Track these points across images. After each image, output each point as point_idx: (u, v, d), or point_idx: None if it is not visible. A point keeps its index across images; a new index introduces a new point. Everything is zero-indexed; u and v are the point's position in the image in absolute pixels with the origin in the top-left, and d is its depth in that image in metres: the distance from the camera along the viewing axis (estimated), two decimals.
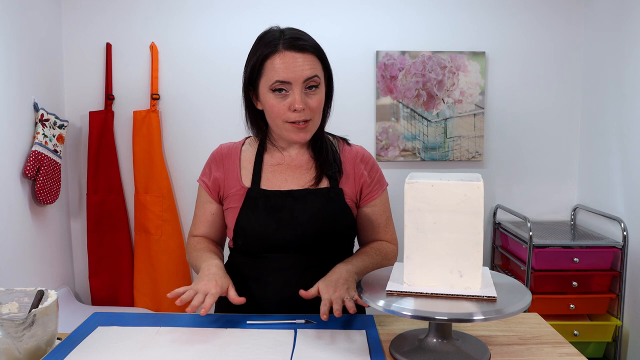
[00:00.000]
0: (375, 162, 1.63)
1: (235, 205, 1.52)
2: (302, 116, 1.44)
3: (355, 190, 1.56)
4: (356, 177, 1.57)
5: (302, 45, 1.44)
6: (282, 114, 1.44)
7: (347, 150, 1.60)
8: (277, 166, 1.55)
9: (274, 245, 1.49)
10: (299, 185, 1.53)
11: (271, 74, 1.43)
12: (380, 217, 1.60)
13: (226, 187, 1.56)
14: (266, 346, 1.24)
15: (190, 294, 1.31)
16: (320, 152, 1.55)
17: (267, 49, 1.44)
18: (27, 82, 2.69)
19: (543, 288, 2.81)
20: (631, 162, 2.78)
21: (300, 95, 1.42)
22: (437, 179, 1.18)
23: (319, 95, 1.46)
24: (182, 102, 3.15)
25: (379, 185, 1.60)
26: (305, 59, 1.43)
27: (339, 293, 1.31)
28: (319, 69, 1.46)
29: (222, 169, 1.57)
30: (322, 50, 1.50)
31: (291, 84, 1.42)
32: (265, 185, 1.53)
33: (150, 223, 3.09)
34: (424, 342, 1.23)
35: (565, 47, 3.23)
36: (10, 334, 1.09)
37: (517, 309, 1.12)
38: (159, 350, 1.22)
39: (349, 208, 1.54)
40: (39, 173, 2.68)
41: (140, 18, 3.10)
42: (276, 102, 1.44)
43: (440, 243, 1.18)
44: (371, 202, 1.59)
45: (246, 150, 1.60)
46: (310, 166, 1.55)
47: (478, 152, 3.21)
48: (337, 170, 1.54)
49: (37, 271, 2.78)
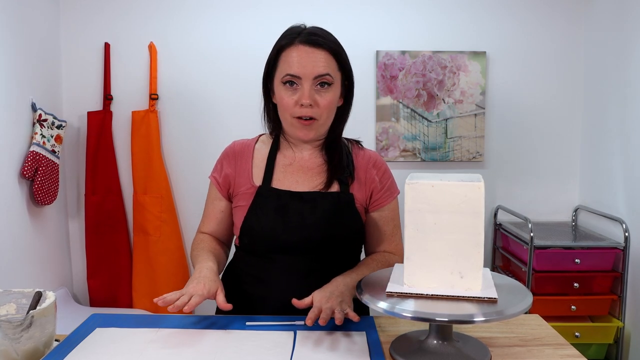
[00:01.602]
0: (388, 168, 1.62)
1: (244, 204, 1.52)
2: (308, 112, 1.43)
3: (366, 195, 1.55)
4: (367, 181, 1.55)
5: (318, 41, 1.44)
6: (290, 108, 1.44)
7: (361, 155, 1.59)
8: (289, 166, 1.55)
9: (280, 247, 1.48)
10: (310, 187, 1.52)
11: (284, 66, 1.44)
12: (387, 224, 1.58)
13: (236, 185, 1.55)
14: (265, 348, 1.24)
15: (176, 295, 1.30)
16: (333, 156, 1.54)
17: (284, 41, 1.46)
18: (25, 82, 2.68)
19: (544, 289, 2.80)
20: (633, 162, 2.76)
21: (309, 90, 1.42)
22: (438, 180, 1.18)
23: (330, 94, 1.45)
24: (181, 102, 3.14)
25: (389, 192, 1.58)
26: (319, 55, 1.43)
27: (330, 304, 1.29)
28: (333, 69, 1.45)
29: (233, 166, 1.57)
30: (342, 53, 1.49)
31: (302, 78, 1.42)
32: (276, 184, 1.52)
33: (149, 224, 3.07)
34: (425, 344, 1.23)
35: (566, 46, 3.22)
36: (7, 335, 1.09)
37: (518, 310, 1.12)
38: (158, 352, 1.22)
39: (359, 213, 1.53)
40: (36, 173, 2.67)
41: (139, 18, 3.09)
42: (286, 96, 1.45)
43: (440, 244, 1.18)
44: (380, 208, 1.57)
45: (259, 148, 1.59)
46: (322, 169, 1.54)
47: (479, 152, 3.20)
48: (349, 174, 1.53)
49: (35, 272, 2.77)
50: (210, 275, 1.39)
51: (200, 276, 1.38)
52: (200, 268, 1.43)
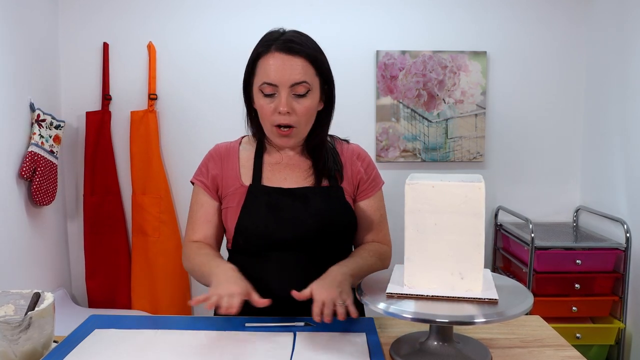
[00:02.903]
0: (371, 160, 1.64)
1: (234, 205, 1.51)
2: (287, 120, 1.43)
3: (353, 186, 1.57)
4: (353, 173, 1.57)
5: (294, 48, 1.42)
6: (269, 116, 1.45)
7: (345, 149, 1.61)
8: (276, 165, 1.55)
9: (274, 244, 1.48)
10: (299, 183, 1.52)
11: (261, 74, 1.44)
12: (374, 214, 1.60)
13: (224, 186, 1.55)
14: (265, 349, 1.23)
15: (216, 299, 1.28)
16: (318, 160, 1.54)
17: (261, 48, 1.45)
18: (23, 82, 2.67)
19: (545, 290, 2.79)
20: (634, 162, 2.75)
21: (286, 98, 1.42)
22: (438, 180, 1.18)
23: (308, 101, 1.45)
24: (180, 103, 3.13)
25: (375, 182, 1.61)
26: (295, 62, 1.42)
27: (330, 295, 1.29)
28: (310, 76, 1.44)
29: (219, 167, 1.56)
30: (320, 58, 1.47)
31: (278, 86, 1.42)
32: (266, 182, 1.53)
33: (147, 225, 3.06)
34: (425, 345, 1.22)
35: (567, 46, 3.21)
36: (6, 336, 1.09)
37: (519, 311, 1.12)
38: (157, 354, 1.21)
39: (350, 206, 1.54)
40: (35, 174, 2.66)
41: (137, 17, 3.08)
42: (265, 104, 1.45)
43: (441, 245, 1.18)
44: (366, 198, 1.59)
45: (244, 149, 1.59)
46: (309, 166, 1.55)
47: (479, 152, 3.19)
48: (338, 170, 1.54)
49: (33, 273, 2.76)
50: (237, 275, 1.38)
51: (228, 277, 1.36)
52: (224, 270, 1.40)
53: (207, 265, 1.45)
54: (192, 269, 1.54)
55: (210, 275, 1.41)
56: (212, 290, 1.32)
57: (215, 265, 1.43)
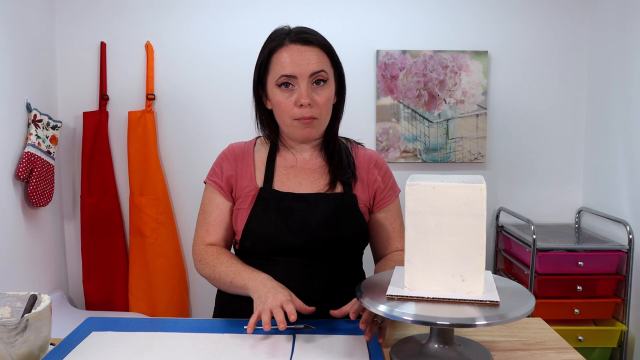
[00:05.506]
0: (388, 167, 1.63)
1: (245, 206, 1.50)
2: (308, 112, 1.43)
3: (369, 195, 1.55)
4: (370, 182, 1.56)
5: (308, 38, 1.44)
6: (289, 110, 1.44)
7: (361, 155, 1.59)
8: (290, 169, 1.54)
9: (283, 249, 1.47)
10: (313, 189, 1.51)
11: (277, 68, 1.43)
12: (394, 222, 1.59)
13: (239, 187, 1.53)
14: (264, 352, 1.23)
15: (268, 315, 1.26)
16: (333, 156, 1.53)
17: (274, 43, 1.45)
18: (19, 82, 2.65)
19: (547, 292, 2.78)
20: (637, 163, 2.74)
21: (306, 89, 1.42)
22: (439, 181, 1.18)
23: (327, 91, 1.46)
24: (178, 103, 3.11)
25: (392, 191, 1.60)
26: (311, 52, 1.43)
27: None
28: (326, 64, 1.46)
29: (234, 168, 1.55)
30: (331, 47, 1.49)
31: (297, 78, 1.42)
32: (278, 186, 1.51)
33: (145, 226, 3.04)
34: (426, 348, 1.22)
35: (570, 46, 3.19)
36: (2, 339, 1.09)
37: (521, 313, 1.11)
38: (155, 356, 1.21)
39: (362, 215, 1.52)
40: (31, 175, 2.64)
41: (135, 17, 3.06)
42: (283, 98, 1.44)
43: (441, 246, 1.17)
44: (385, 207, 1.57)
45: (258, 150, 1.58)
46: (324, 171, 1.53)
47: (480, 153, 3.18)
48: (352, 175, 1.53)
49: (29, 275, 2.74)
50: (277, 283, 1.36)
51: (268, 288, 1.34)
52: (263, 280, 1.37)
53: (238, 276, 1.42)
54: (211, 276, 1.50)
55: (245, 289, 1.39)
56: (260, 306, 1.29)
57: (250, 278, 1.40)
